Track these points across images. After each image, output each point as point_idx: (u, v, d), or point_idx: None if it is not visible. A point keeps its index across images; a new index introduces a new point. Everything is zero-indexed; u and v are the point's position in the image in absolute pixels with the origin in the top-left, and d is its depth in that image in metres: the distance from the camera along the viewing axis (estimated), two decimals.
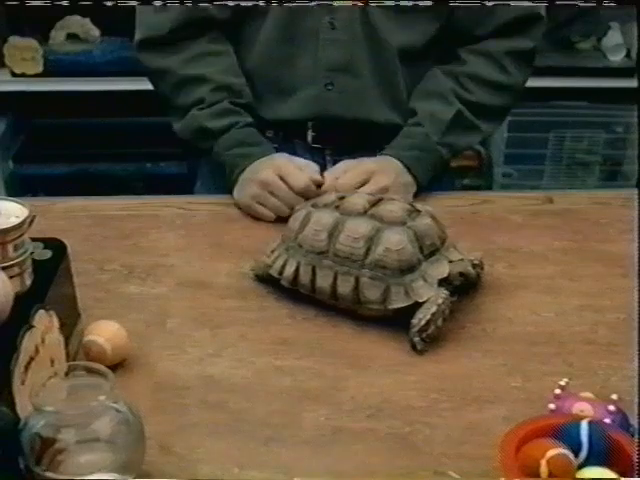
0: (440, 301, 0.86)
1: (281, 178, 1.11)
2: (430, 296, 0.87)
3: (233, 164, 1.17)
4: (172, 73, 1.20)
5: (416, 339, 0.85)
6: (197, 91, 1.19)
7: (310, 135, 1.23)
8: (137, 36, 1.22)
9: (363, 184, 1.11)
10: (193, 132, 1.21)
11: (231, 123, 1.18)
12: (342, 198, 0.94)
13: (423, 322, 0.85)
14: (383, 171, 1.14)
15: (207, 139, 1.20)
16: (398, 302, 0.87)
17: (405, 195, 1.14)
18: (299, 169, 1.12)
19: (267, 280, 0.96)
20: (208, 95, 1.19)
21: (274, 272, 0.94)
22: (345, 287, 0.89)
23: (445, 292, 0.87)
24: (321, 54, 1.18)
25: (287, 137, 1.25)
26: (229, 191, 1.18)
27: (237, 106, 1.20)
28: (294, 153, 1.22)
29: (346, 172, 1.13)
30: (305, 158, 1.21)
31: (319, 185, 1.11)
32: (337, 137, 1.23)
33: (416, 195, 1.18)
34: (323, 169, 1.23)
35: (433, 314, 0.85)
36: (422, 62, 1.23)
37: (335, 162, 1.22)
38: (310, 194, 1.09)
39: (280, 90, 1.22)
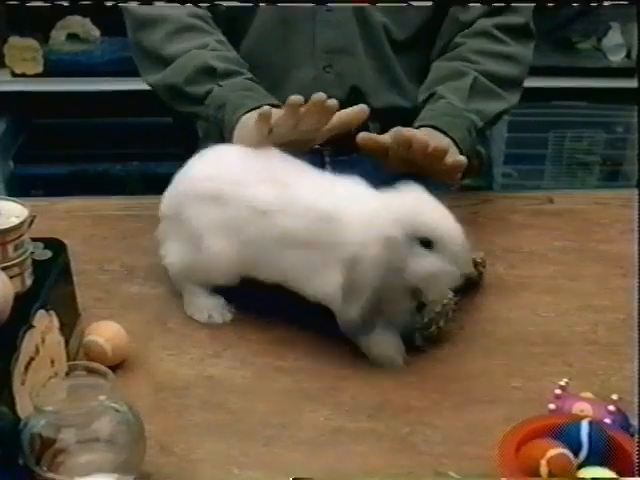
0: (445, 301, 0.87)
1: None
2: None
3: (238, 104, 1.03)
4: (171, 20, 1.13)
5: (416, 335, 0.86)
6: (201, 38, 1.12)
7: None
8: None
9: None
10: (191, 71, 1.09)
11: (239, 70, 1.10)
12: None
13: (426, 319, 0.85)
14: (435, 134, 1.04)
15: (208, 79, 1.08)
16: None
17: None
18: None
19: None
20: (213, 43, 1.12)
21: None
22: None
23: (450, 293, 0.88)
24: (318, 36, 1.17)
25: None
26: (228, 139, 1.03)
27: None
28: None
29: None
30: (303, 160, 1.21)
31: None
32: (333, 136, 1.23)
33: None
34: (321, 170, 1.23)
35: (437, 313, 0.86)
36: (416, 47, 1.23)
37: (333, 162, 1.22)
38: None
39: (277, 74, 1.20)
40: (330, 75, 1.19)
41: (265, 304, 0.94)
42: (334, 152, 1.23)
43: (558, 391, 0.73)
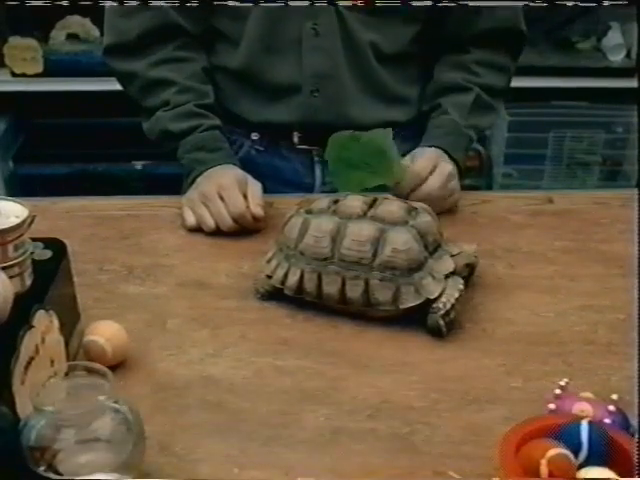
0: (461, 287, 0.89)
1: (220, 197, 1.09)
2: (440, 292, 0.88)
3: (190, 168, 1.17)
4: (139, 76, 1.21)
5: (440, 322, 0.87)
6: (163, 93, 1.19)
7: (296, 137, 1.23)
8: (105, 41, 1.23)
9: (433, 171, 1.12)
10: (158, 134, 1.21)
11: (193, 126, 1.18)
12: (336, 202, 0.94)
13: (448, 306, 0.87)
14: (444, 158, 1.15)
15: (171, 141, 1.20)
16: (409, 301, 0.88)
17: (456, 182, 1.16)
18: (242, 195, 1.09)
19: (273, 295, 0.95)
20: (173, 97, 1.19)
21: (276, 282, 0.93)
22: (354, 291, 0.89)
23: (461, 280, 0.90)
24: (305, 61, 1.17)
25: (273, 139, 1.25)
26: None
27: (203, 107, 1.20)
28: (280, 154, 1.23)
29: (414, 160, 1.12)
30: (291, 159, 1.22)
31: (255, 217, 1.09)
32: (323, 138, 1.23)
33: None
34: (310, 170, 1.25)
35: (457, 299, 0.88)
36: (407, 59, 1.23)
37: (322, 162, 1.22)
38: (243, 222, 1.08)
39: (265, 95, 1.21)
40: (318, 99, 1.19)
41: (265, 304, 0.94)
42: (322, 152, 1.24)
43: (558, 391, 0.73)
